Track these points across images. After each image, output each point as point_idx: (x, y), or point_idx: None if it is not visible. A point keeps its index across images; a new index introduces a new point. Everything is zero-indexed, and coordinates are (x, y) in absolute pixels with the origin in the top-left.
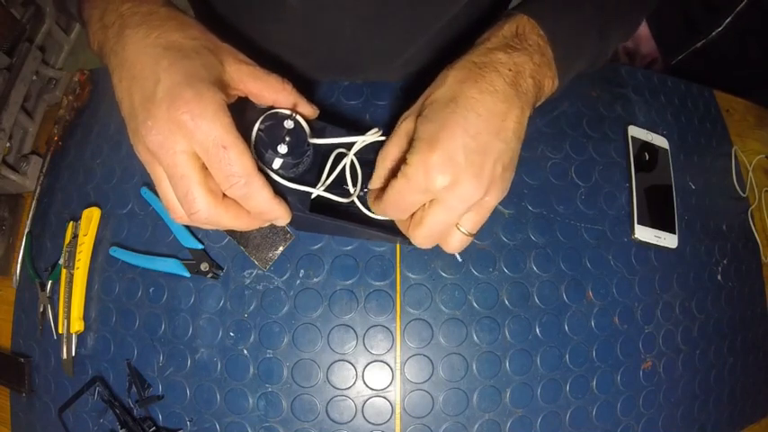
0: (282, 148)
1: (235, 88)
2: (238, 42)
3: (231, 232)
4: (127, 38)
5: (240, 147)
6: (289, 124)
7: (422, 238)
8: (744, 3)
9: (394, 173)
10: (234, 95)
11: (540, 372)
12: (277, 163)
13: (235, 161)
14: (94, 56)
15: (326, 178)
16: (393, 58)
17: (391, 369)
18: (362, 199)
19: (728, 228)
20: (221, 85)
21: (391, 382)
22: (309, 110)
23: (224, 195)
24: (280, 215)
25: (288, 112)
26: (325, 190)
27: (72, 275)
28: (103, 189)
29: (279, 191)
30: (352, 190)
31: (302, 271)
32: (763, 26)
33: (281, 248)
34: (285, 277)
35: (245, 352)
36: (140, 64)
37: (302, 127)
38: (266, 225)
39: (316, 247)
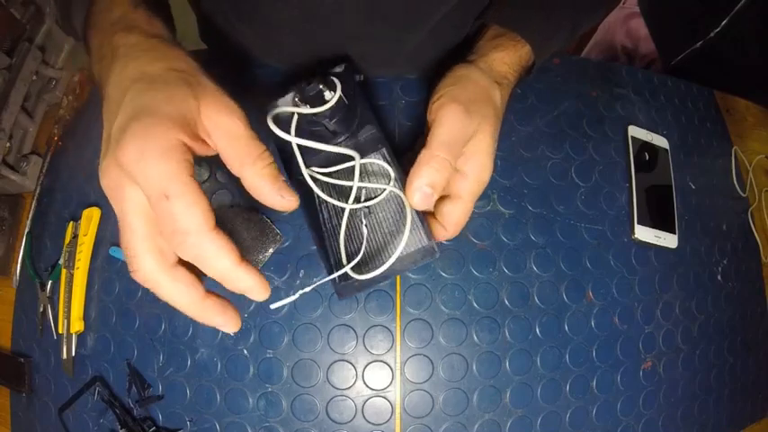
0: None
1: (204, 135)
2: (242, 32)
3: None
4: (111, 71)
5: (189, 197)
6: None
7: (457, 231)
8: (742, 3)
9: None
10: (203, 145)
11: (540, 372)
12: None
13: (180, 214)
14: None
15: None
16: (394, 49)
17: (391, 369)
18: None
19: (728, 228)
20: (183, 123)
21: (391, 382)
22: (292, 205)
23: (180, 260)
24: (247, 286)
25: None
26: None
27: (72, 275)
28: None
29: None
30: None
31: (302, 271)
32: (762, 26)
33: (270, 250)
34: (285, 277)
35: (245, 352)
36: (109, 98)
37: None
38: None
39: (316, 247)
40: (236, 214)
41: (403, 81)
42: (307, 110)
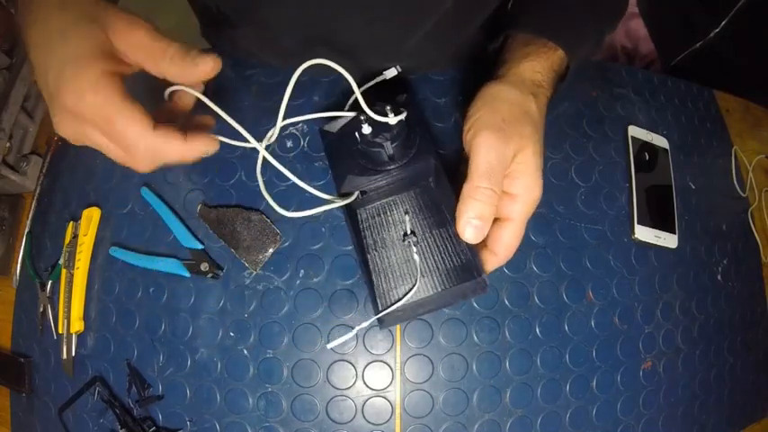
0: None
1: (123, 56)
2: (241, 31)
3: (221, 234)
4: (32, 23)
5: (126, 112)
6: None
7: (509, 255)
8: (741, 3)
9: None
10: (126, 65)
11: (540, 372)
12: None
13: (124, 131)
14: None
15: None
16: (393, 49)
17: (391, 369)
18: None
19: (728, 228)
20: (99, 55)
21: (391, 382)
22: (210, 65)
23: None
24: (200, 150)
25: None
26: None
27: (72, 275)
28: (103, 189)
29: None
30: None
31: (302, 271)
32: (762, 26)
33: (270, 250)
34: (285, 277)
35: (245, 352)
36: (36, 47)
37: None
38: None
39: (316, 247)
40: (236, 214)
41: (402, 81)
42: (378, 118)
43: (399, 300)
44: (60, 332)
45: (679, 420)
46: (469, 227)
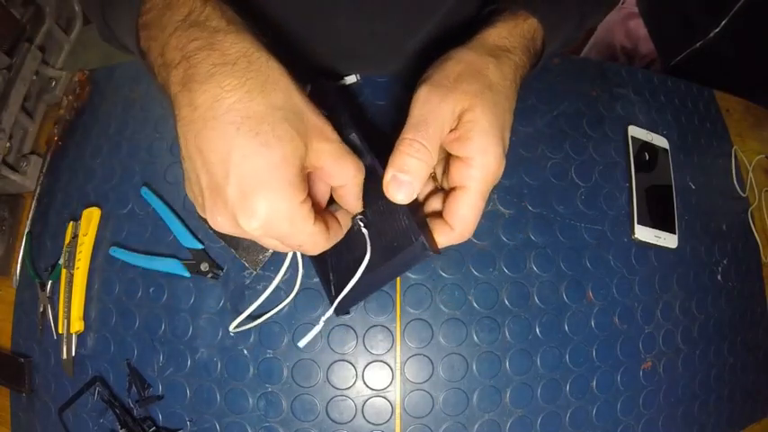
0: None
1: (310, 168)
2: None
3: (221, 234)
4: (195, 93)
5: (313, 239)
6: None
7: (467, 229)
8: (741, 3)
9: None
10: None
11: (540, 372)
12: None
13: (307, 248)
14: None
15: None
16: (393, 49)
17: (391, 369)
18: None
19: (728, 228)
20: (300, 180)
21: (391, 382)
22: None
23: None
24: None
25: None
26: None
27: (72, 275)
28: (103, 189)
29: None
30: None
31: (302, 271)
32: (762, 26)
33: (270, 250)
34: (285, 277)
35: (245, 352)
36: (208, 140)
37: None
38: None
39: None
40: None
41: (402, 81)
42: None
43: (348, 284)
44: (60, 332)
45: (679, 420)
46: (394, 183)
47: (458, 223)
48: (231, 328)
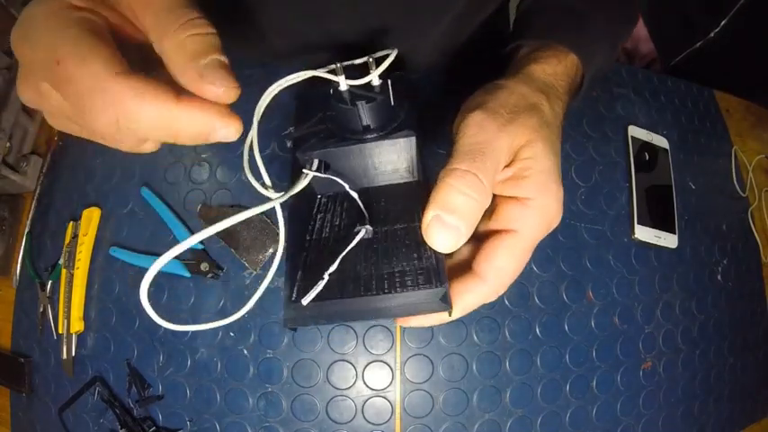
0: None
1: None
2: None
3: (221, 234)
4: None
5: (80, 49)
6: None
7: (502, 283)
8: (741, 3)
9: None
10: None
11: (540, 372)
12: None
13: (73, 74)
14: None
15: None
16: (393, 43)
17: (391, 369)
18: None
19: (728, 228)
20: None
21: (391, 382)
22: (213, 91)
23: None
24: (199, 126)
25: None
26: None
27: (72, 275)
28: (103, 189)
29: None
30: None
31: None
32: (761, 26)
33: (270, 250)
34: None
35: (245, 352)
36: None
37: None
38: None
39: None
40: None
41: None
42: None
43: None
44: (60, 332)
45: (679, 420)
46: (437, 224)
47: (493, 275)
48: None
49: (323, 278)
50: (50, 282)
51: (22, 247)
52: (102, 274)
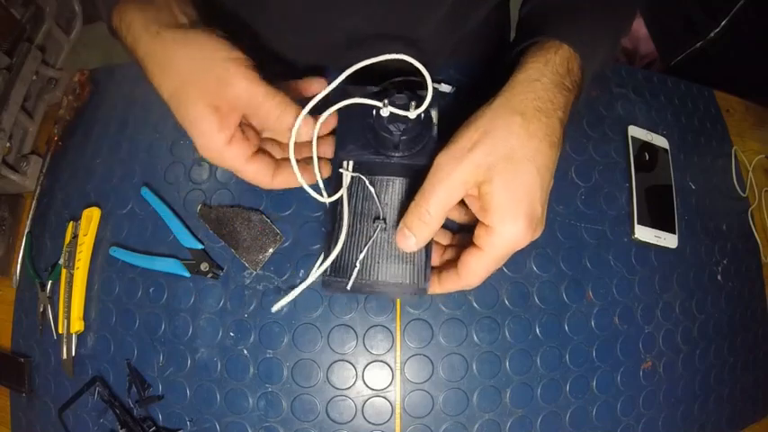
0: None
1: (228, 108)
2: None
3: (221, 234)
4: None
5: (240, 169)
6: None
7: (471, 281)
8: (741, 3)
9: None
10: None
11: (540, 372)
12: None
13: (222, 163)
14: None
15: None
16: (398, 41)
17: (391, 369)
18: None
19: (728, 228)
20: (219, 119)
21: (391, 382)
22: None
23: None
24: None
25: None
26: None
27: (72, 275)
28: (103, 189)
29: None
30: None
31: (302, 271)
32: (762, 26)
33: (270, 250)
34: (285, 277)
35: (245, 352)
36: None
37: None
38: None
39: (316, 247)
40: (236, 214)
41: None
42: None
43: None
44: (60, 332)
45: (679, 420)
46: (401, 235)
47: (465, 276)
48: (274, 309)
49: (356, 266)
50: (50, 282)
51: (22, 247)
52: (102, 274)
